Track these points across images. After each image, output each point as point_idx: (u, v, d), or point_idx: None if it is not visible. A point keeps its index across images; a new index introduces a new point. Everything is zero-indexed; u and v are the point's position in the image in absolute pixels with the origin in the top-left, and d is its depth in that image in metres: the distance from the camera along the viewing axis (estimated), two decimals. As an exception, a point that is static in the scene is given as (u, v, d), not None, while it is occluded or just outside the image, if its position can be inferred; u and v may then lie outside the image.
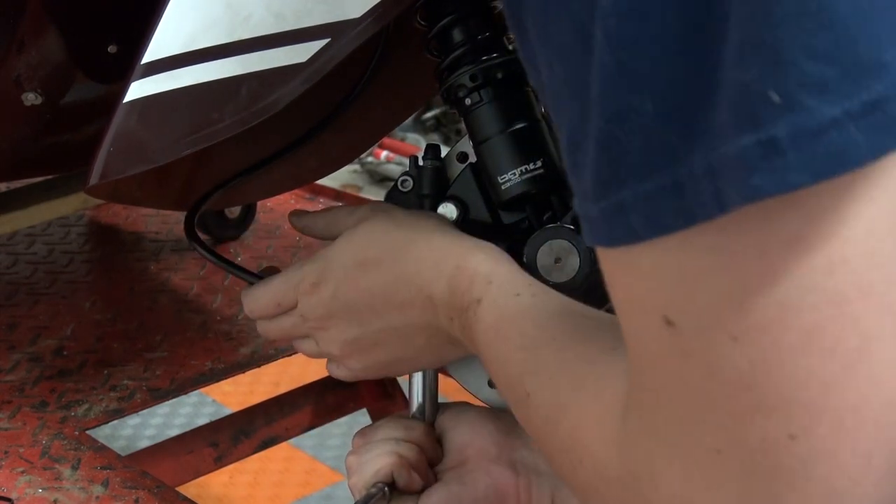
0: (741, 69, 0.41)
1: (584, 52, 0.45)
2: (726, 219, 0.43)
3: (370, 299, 0.85)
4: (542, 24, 0.48)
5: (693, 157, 0.43)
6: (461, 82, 0.89)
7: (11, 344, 1.32)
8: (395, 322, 0.84)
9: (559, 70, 0.47)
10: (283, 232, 1.61)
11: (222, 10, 0.82)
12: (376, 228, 0.86)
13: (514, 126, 0.88)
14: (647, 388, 0.50)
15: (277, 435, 1.35)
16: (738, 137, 0.41)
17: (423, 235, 0.83)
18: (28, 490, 1.06)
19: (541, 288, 0.76)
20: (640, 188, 0.44)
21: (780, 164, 0.40)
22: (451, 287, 0.79)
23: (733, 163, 0.41)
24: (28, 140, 1.25)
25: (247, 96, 0.81)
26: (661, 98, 0.43)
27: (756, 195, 0.41)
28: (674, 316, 0.46)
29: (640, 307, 0.48)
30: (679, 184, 0.43)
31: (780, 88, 0.40)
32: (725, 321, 0.45)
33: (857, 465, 0.45)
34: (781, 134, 0.40)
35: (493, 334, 0.74)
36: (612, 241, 0.47)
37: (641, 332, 0.49)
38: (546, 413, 0.64)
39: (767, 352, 0.44)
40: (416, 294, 0.82)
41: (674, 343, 0.47)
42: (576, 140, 0.47)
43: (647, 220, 0.44)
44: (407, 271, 0.83)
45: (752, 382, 0.45)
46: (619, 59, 0.44)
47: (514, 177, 0.88)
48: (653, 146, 0.44)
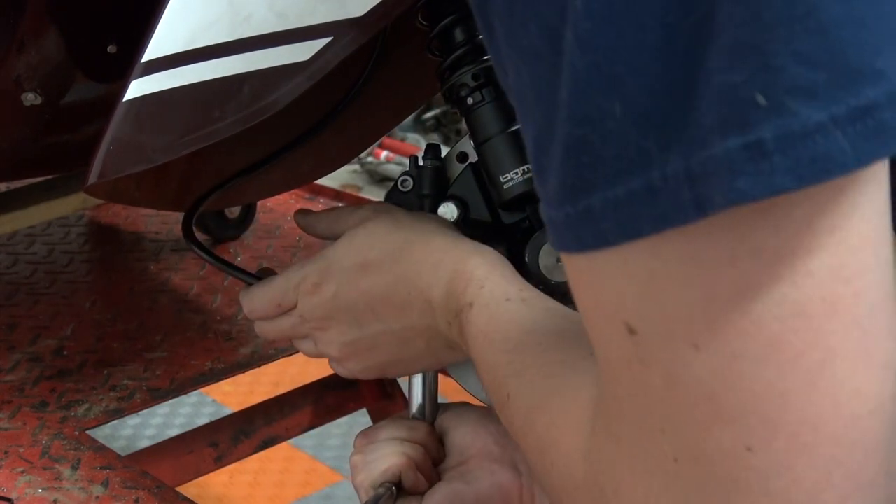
0: (728, 72, 0.40)
1: (552, 55, 0.44)
2: (698, 226, 0.42)
3: (370, 301, 0.84)
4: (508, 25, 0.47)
5: (668, 161, 0.42)
6: (463, 81, 0.89)
7: (11, 344, 1.32)
8: (394, 325, 0.84)
9: (526, 72, 0.47)
10: (283, 232, 1.61)
11: (224, 9, 0.82)
12: (378, 230, 0.86)
13: (515, 125, 0.88)
14: (610, 395, 0.50)
15: (277, 435, 1.35)
16: (723, 140, 0.40)
17: (423, 237, 0.83)
18: (28, 490, 1.06)
19: (533, 293, 0.76)
20: (610, 193, 0.43)
21: (766, 166, 0.40)
22: (449, 290, 0.79)
23: (717, 166, 0.41)
24: (28, 140, 1.24)
25: (248, 95, 0.81)
26: (635, 102, 0.42)
27: (741, 198, 0.40)
28: (635, 323, 0.46)
29: (602, 313, 0.48)
30: (652, 188, 0.42)
31: (767, 92, 0.40)
32: (688, 329, 0.44)
33: (814, 480, 0.44)
34: (767, 136, 0.40)
35: (482, 338, 0.74)
36: (577, 246, 0.46)
37: (604, 339, 0.48)
38: (524, 415, 0.64)
39: (728, 362, 0.44)
40: (415, 297, 0.82)
41: (635, 351, 0.46)
42: (542, 144, 0.46)
43: (616, 224, 0.44)
44: (406, 274, 0.83)
45: (712, 392, 0.44)
46: (591, 63, 0.43)
47: (515, 176, 0.88)
48: (624, 150, 0.43)
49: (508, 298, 0.75)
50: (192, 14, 0.84)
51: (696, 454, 0.46)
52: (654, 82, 0.42)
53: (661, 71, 0.42)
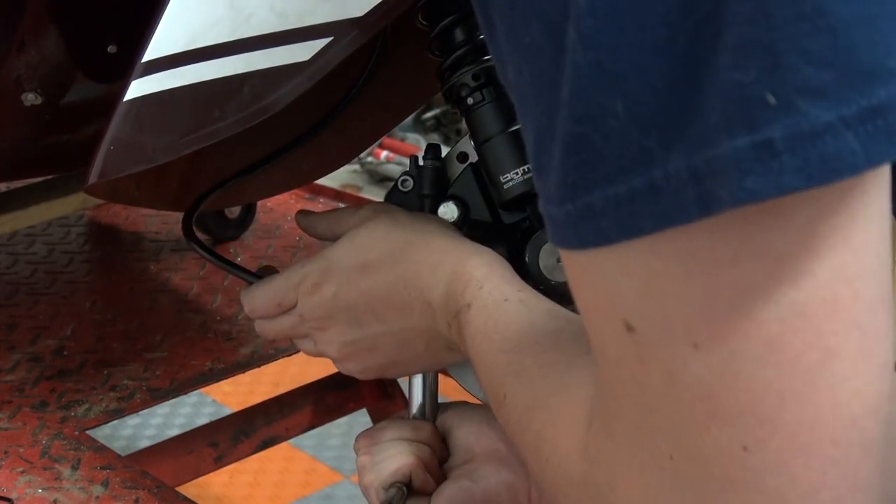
0: (737, 70, 0.40)
1: (554, 52, 0.44)
2: (700, 225, 0.42)
3: (371, 301, 0.85)
4: (510, 22, 0.47)
5: (670, 160, 0.42)
6: (463, 81, 0.89)
7: (11, 344, 1.32)
8: (394, 325, 0.84)
9: (526, 70, 0.46)
10: (283, 232, 1.61)
11: (224, 9, 0.82)
12: (378, 230, 0.86)
13: (515, 125, 0.88)
14: (608, 393, 0.50)
15: (277, 435, 1.35)
16: (730, 139, 0.40)
17: (423, 238, 0.84)
18: (28, 490, 1.06)
19: (531, 294, 0.76)
20: (611, 190, 0.43)
21: (775, 166, 0.40)
22: (448, 291, 0.79)
23: (724, 165, 0.41)
24: (28, 140, 1.25)
25: (248, 95, 0.81)
26: (637, 100, 0.42)
27: (749, 198, 0.40)
28: (634, 321, 0.46)
29: (601, 311, 0.48)
30: (654, 186, 0.42)
31: (776, 91, 0.39)
32: (687, 328, 0.44)
33: (811, 479, 0.44)
34: (777, 136, 0.39)
35: (480, 338, 0.74)
36: (577, 243, 0.46)
37: (602, 336, 0.48)
38: (521, 413, 0.65)
39: (727, 361, 0.44)
40: (415, 297, 0.82)
41: (633, 349, 0.46)
42: (542, 141, 0.46)
43: (617, 222, 0.44)
44: (406, 274, 0.83)
45: (710, 391, 0.44)
46: (593, 60, 0.43)
47: (515, 176, 0.88)
48: (626, 148, 0.43)
49: (507, 299, 0.75)
50: (193, 14, 0.84)
51: (693, 452, 0.46)
52: (656, 80, 0.42)
53: (663, 69, 0.42)
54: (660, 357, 0.46)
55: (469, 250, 0.81)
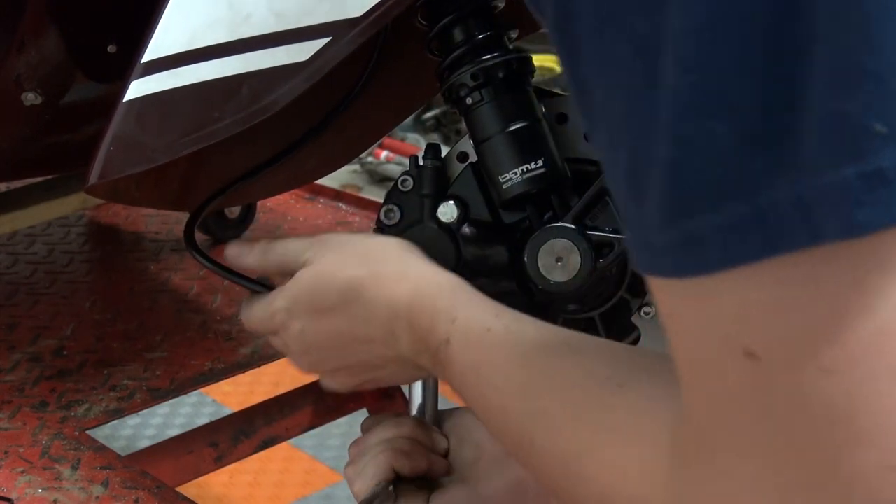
0: (837, 98, 0.40)
1: (648, 76, 0.44)
2: (817, 249, 0.41)
3: (336, 339, 0.84)
4: (597, 47, 0.46)
5: (776, 186, 0.41)
6: (462, 81, 0.89)
7: (11, 344, 1.32)
8: (363, 356, 0.84)
9: (618, 94, 0.46)
10: (282, 232, 1.61)
11: (223, 9, 0.82)
12: (324, 273, 0.84)
13: (514, 125, 0.88)
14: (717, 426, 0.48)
15: (277, 435, 1.35)
16: (835, 168, 0.40)
17: (371, 273, 0.82)
18: (28, 490, 1.06)
19: (511, 316, 0.73)
20: (716, 217, 0.42)
21: (886, 196, 0.39)
22: (411, 325, 0.78)
23: (831, 194, 0.40)
24: (28, 140, 1.25)
25: (248, 95, 0.81)
26: (741, 123, 0.41)
27: (862, 231, 0.40)
28: (757, 349, 0.44)
29: (714, 341, 0.46)
30: (762, 213, 0.41)
31: (886, 119, 0.39)
32: (816, 353, 0.43)
33: None
34: (888, 164, 0.39)
35: (473, 377, 0.72)
36: (680, 271, 0.45)
37: (715, 367, 0.47)
38: (561, 459, 0.62)
39: (864, 382, 0.43)
40: (375, 331, 0.81)
41: (757, 378, 0.45)
42: (636, 167, 0.45)
43: (724, 250, 0.43)
44: (363, 314, 0.82)
45: (847, 415, 0.43)
46: (692, 82, 0.42)
47: (515, 176, 0.88)
48: (730, 174, 0.42)
49: (489, 329, 0.72)
50: (192, 14, 0.84)
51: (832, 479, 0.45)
52: (756, 103, 0.41)
53: (763, 92, 0.41)
54: (788, 384, 0.44)
55: (425, 279, 0.79)
